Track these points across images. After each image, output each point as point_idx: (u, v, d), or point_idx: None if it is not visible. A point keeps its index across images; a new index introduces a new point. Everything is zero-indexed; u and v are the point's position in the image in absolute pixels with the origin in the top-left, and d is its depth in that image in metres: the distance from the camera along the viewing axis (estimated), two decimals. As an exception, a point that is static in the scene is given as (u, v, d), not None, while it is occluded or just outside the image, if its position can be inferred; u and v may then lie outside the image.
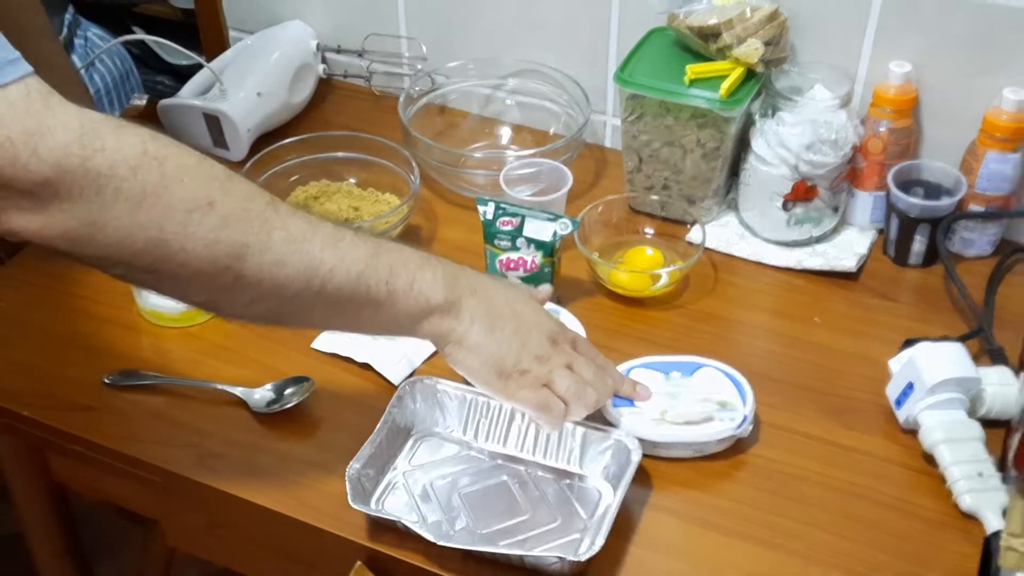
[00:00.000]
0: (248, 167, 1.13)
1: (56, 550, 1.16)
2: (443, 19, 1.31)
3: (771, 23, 1.07)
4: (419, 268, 0.77)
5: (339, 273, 0.72)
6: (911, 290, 1.08)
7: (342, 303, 0.74)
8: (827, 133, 1.05)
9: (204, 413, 0.95)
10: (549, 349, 0.82)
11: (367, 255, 0.74)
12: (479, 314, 0.79)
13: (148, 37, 1.38)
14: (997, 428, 0.91)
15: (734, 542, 0.84)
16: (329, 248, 0.72)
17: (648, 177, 1.16)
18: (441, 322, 0.78)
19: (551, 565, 0.79)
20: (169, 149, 0.67)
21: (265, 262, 0.69)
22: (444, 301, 0.78)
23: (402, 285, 0.76)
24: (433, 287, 0.77)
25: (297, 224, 0.71)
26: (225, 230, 0.67)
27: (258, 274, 0.69)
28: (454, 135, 1.30)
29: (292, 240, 0.70)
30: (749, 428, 0.89)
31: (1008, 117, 1.03)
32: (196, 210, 0.66)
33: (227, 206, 0.68)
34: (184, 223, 0.66)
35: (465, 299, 0.79)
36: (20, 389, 0.97)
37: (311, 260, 0.71)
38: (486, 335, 0.79)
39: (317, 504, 0.86)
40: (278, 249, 0.70)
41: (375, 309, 0.75)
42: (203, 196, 0.67)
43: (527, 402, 0.82)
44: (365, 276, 0.74)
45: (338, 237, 0.73)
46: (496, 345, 0.80)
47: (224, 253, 0.68)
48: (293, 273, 0.71)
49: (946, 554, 0.83)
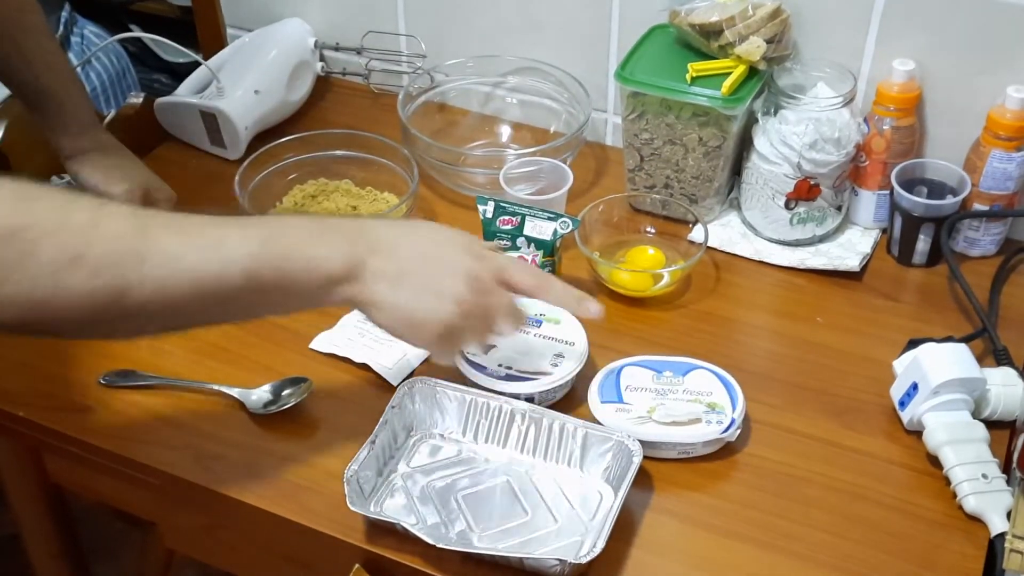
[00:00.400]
0: (245, 165, 1.12)
1: (53, 552, 1.15)
2: (442, 16, 1.30)
3: (773, 20, 1.06)
4: (312, 244, 0.76)
5: (228, 278, 0.72)
6: (915, 290, 1.08)
7: (238, 300, 0.74)
8: (830, 131, 1.04)
9: (202, 414, 0.94)
10: (468, 296, 0.79)
11: (254, 251, 0.73)
12: (382, 272, 0.78)
13: (145, 35, 1.38)
14: (1001, 429, 0.91)
15: (736, 544, 0.83)
16: (211, 256, 0.71)
17: (649, 176, 1.15)
18: (348, 289, 0.78)
19: (551, 568, 0.78)
20: (29, 217, 0.66)
21: (147, 293, 0.69)
22: (344, 268, 0.76)
23: (297, 268, 0.75)
24: (330, 259, 0.76)
25: (173, 243, 0.70)
26: (98, 278, 0.67)
27: (143, 304, 0.69)
28: (453, 133, 1.29)
29: (169, 263, 0.70)
30: (737, 432, 0.88)
31: (1012, 115, 1.02)
32: (63, 270, 0.66)
33: (95, 255, 0.67)
34: (54, 285, 0.66)
35: (368, 260, 0.77)
36: (17, 389, 0.97)
37: (194, 275, 0.71)
38: (391, 292, 0.78)
39: (315, 506, 0.85)
40: (156, 277, 0.69)
41: (277, 296, 0.75)
42: (68, 254, 0.66)
43: (435, 357, 0.88)
44: (255, 271, 0.73)
45: (220, 240, 0.72)
46: (404, 300, 0.78)
47: (103, 299, 0.68)
48: (178, 292, 0.70)
49: (949, 556, 0.82)
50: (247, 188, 1.11)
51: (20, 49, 1.05)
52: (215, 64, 1.29)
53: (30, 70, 1.06)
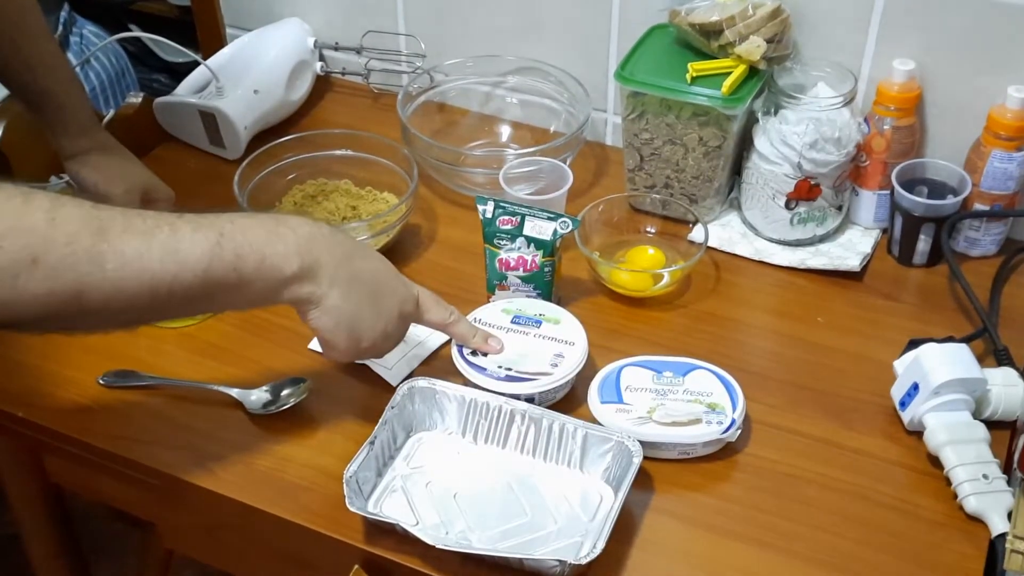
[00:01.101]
0: (245, 165, 1.12)
1: (53, 552, 1.15)
2: (442, 16, 1.30)
3: (774, 20, 1.06)
4: (267, 243, 0.77)
5: (184, 278, 0.73)
6: (915, 290, 1.08)
7: (194, 299, 0.75)
8: (830, 131, 1.04)
9: (201, 414, 0.94)
10: (397, 321, 0.85)
11: (209, 250, 0.74)
12: (337, 277, 0.80)
13: (144, 35, 1.37)
14: (1002, 429, 0.90)
15: (736, 544, 0.83)
16: (169, 257, 0.72)
17: (649, 176, 1.15)
18: (300, 288, 0.79)
19: (551, 568, 0.78)
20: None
21: (106, 293, 0.70)
22: (299, 269, 0.78)
23: (252, 266, 0.76)
24: (285, 258, 0.77)
25: (131, 244, 0.71)
26: (57, 280, 0.67)
27: (102, 302, 0.70)
28: (453, 133, 1.29)
29: (128, 264, 0.70)
30: (737, 432, 0.88)
31: (1013, 115, 1.02)
32: (20, 274, 0.66)
33: (53, 257, 0.67)
34: (12, 288, 0.66)
35: (323, 262, 0.79)
36: (16, 389, 0.96)
37: (152, 276, 0.71)
38: (342, 299, 0.81)
39: (314, 506, 0.85)
40: (115, 278, 0.70)
41: (231, 293, 0.76)
42: (25, 256, 0.66)
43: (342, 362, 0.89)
44: (211, 270, 0.74)
45: (176, 241, 0.73)
46: (352, 309, 0.82)
47: (61, 298, 0.68)
48: (137, 293, 0.71)
49: (950, 556, 0.82)
50: (246, 188, 1.11)
51: (19, 50, 1.05)
52: (214, 64, 1.28)
53: (29, 71, 1.06)
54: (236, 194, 1.08)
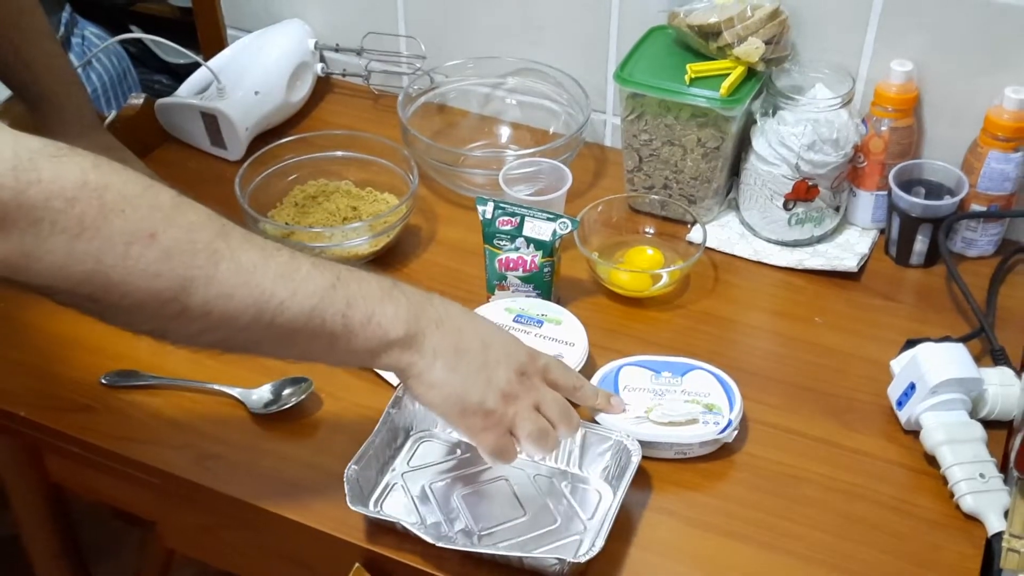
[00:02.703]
0: (246, 166, 1.12)
1: (53, 551, 1.15)
2: (442, 17, 1.30)
3: (772, 22, 1.06)
4: (380, 301, 0.74)
5: (291, 307, 0.70)
6: (912, 290, 1.08)
7: (295, 335, 0.72)
8: (828, 132, 1.04)
9: (202, 414, 0.94)
10: (516, 386, 0.78)
11: (323, 288, 0.71)
12: (443, 348, 0.76)
13: (145, 36, 1.37)
14: (999, 429, 0.91)
15: (734, 543, 0.83)
16: (282, 280, 0.70)
17: (648, 176, 1.15)
18: (401, 356, 0.75)
19: (551, 567, 0.79)
20: (111, 178, 0.64)
21: (211, 295, 0.67)
22: (405, 335, 0.74)
23: (359, 319, 0.73)
24: (394, 321, 0.74)
25: (249, 255, 0.69)
26: (168, 263, 0.65)
27: (204, 306, 0.67)
28: (453, 134, 1.29)
29: (241, 272, 0.68)
30: (734, 433, 0.88)
31: (1010, 116, 1.03)
32: (136, 242, 0.64)
33: (170, 238, 0.65)
34: (124, 256, 0.64)
35: (429, 332, 0.76)
36: (17, 389, 0.97)
37: (261, 293, 0.69)
38: (448, 371, 0.76)
39: (315, 506, 0.86)
40: (225, 282, 0.67)
41: (330, 342, 0.73)
42: (145, 228, 0.64)
43: (485, 447, 0.79)
44: (319, 310, 0.71)
45: (293, 268, 0.71)
46: (459, 381, 0.76)
47: (167, 286, 0.66)
48: (241, 306, 0.68)
49: (947, 555, 0.82)
50: (247, 189, 1.11)
51: (20, 52, 1.06)
52: (215, 65, 1.29)
53: (30, 72, 1.07)
54: (237, 195, 1.09)
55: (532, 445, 0.79)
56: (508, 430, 0.78)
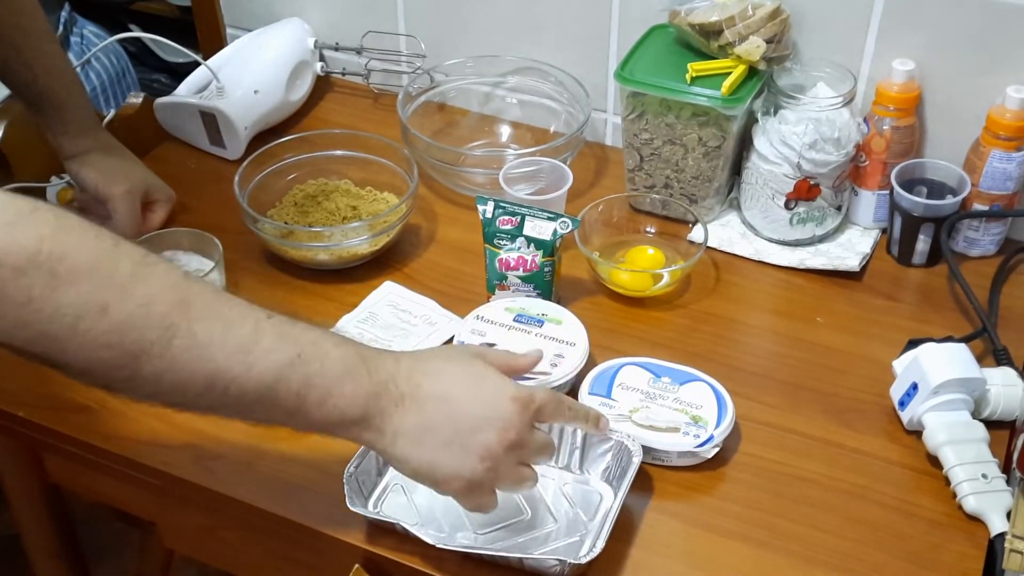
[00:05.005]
0: (245, 165, 1.12)
1: (53, 552, 1.15)
2: (442, 16, 1.30)
3: (773, 20, 1.06)
4: (339, 380, 0.71)
5: (245, 383, 0.68)
6: (915, 290, 1.08)
7: (251, 406, 0.70)
8: (830, 131, 1.04)
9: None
10: (497, 449, 0.74)
11: (281, 365, 0.69)
12: (404, 427, 0.73)
13: (144, 35, 1.37)
14: (1001, 429, 0.90)
15: (735, 544, 0.83)
16: (238, 356, 0.68)
17: (649, 176, 1.15)
18: (361, 434, 0.74)
19: (551, 568, 0.78)
20: (68, 248, 0.63)
21: (162, 368, 0.66)
22: (362, 416, 0.72)
23: (315, 398, 0.71)
24: (352, 402, 0.72)
25: (207, 328, 0.67)
26: (118, 336, 0.64)
27: (156, 376, 0.66)
28: (453, 133, 1.29)
29: (195, 348, 0.66)
30: (715, 450, 0.88)
31: (1012, 116, 1.02)
32: (86, 316, 0.63)
33: (123, 311, 0.64)
34: (72, 328, 0.63)
35: (388, 412, 0.73)
36: (16, 389, 0.96)
37: (214, 369, 0.67)
38: (413, 447, 0.74)
39: (315, 506, 0.85)
40: (177, 357, 0.66)
41: (287, 415, 0.72)
42: (97, 301, 0.63)
43: (466, 507, 0.78)
44: (274, 388, 0.69)
45: (253, 342, 0.68)
46: (427, 457, 0.74)
47: (117, 356, 0.65)
48: (192, 380, 0.67)
49: (949, 555, 0.82)
50: (247, 188, 1.11)
51: (19, 51, 1.05)
52: (215, 64, 1.28)
53: (30, 72, 1.06)
54: (236, 194, 1.08)
55: (512, 491, 0.80)
56: (491, 489, 0.77)
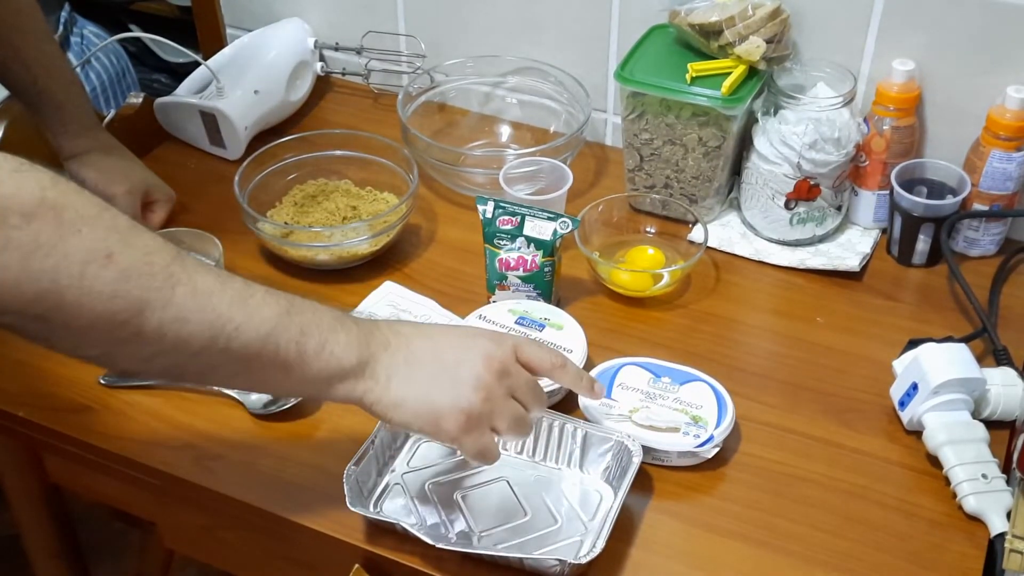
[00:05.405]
0: (245, 165, 1.12)
1: (52, 552, 1.15)
2: (442, 16, 1.30)
3: (773, 20, 1.06)
4: (331, 329, 0.73)
5: (246, 331, 0.69)
6: (915, 290, 1.08)
7: (249, 362, 0.70)
8: (830, 131, 1.04)
9: (201, 414, 0.94)
10: (487, 377, 0.75)
11: (277, 314, 0.70)
12: (394, 367, 0.74)
13: (144, 35, 1.37)
14: (1001, 429, 0.90)
15: (735, 544, 0.83)
16: (237, 305, 0.68)
17: (649, 176, 1.15)
18: (356, 385, 0.74)
19: (551, 568, 0.78)
20: (70, 197, 0.63)
21: (167, 318, 0.66)
22: (357, 362, 0.73)
23: (313, 347, 0.71)
24: (346, 349, 0.73)
25: (204, 279, 0.68)
26: (124, 284, 0.64)
27: (159, 329, 0.66)
28: (453, 133, 1.29)
29: (197, 295, 0.67)
30: (715, 450, 0.88)
31: (1012, 116, 1.02)
32: (93, 262, 0.63)
33: (127, 259, 0.64)
34: (80, 275, 0.63)
35: (378, 355, 0.74)
36: (16, 389, 0.97)
37: (217, 317, 0.68)
38: (406, 385, 0.74)
39: (315, 506, 0.85)
40: (181, 305, 0.67)
41: (285, 370, 0.72)
42: (101, 248, 0.63)
43: (468, 450, 0.76)
44: (274, 335, 0.70)
45: (248, 294, 0.70)
46: (422, 391, 0.74)
47: (122, 307, 0.65)
48: (197, 330, 0.67)
49: (949, 555, 0.82)
50: (247, 188, 1.11)
51: (19, 52, 1.05)
52: (215, 64, 1.28)
53: (29, 72, 1.06)
54: (236, 194, 1.08)
55: (512, 435, 0.78)
56: (489, 427, 0.76)
